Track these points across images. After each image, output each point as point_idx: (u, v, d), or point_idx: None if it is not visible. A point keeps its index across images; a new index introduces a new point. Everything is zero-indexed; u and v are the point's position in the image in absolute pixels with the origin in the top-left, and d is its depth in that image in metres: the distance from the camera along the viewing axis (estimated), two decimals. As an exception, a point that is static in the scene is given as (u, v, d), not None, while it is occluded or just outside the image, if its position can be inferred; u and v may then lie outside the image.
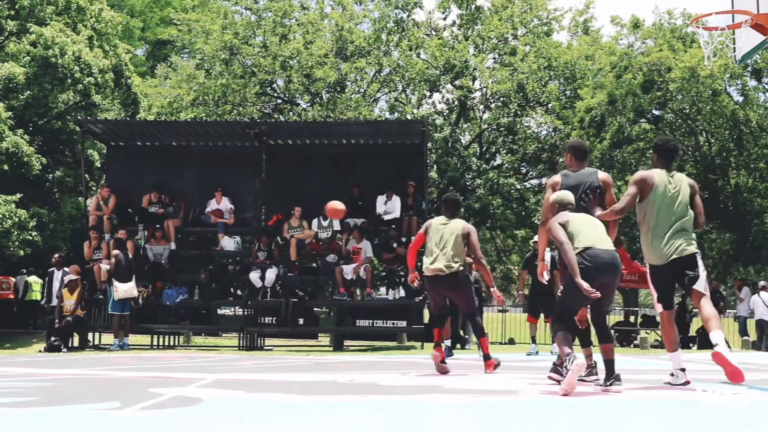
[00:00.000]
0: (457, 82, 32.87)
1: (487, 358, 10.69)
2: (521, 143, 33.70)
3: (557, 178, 9.16)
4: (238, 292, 20.95)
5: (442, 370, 10.48)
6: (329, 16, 34.45)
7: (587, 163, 9.44)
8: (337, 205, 15.08)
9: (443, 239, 10.52)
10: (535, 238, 17.86)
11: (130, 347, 18.95)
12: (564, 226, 8.25)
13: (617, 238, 14.33)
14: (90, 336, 20.03)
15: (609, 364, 8.16)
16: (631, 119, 29.41)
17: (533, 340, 17.17)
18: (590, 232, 8.25)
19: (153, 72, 40.87)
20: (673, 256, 8.40)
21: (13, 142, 23.83)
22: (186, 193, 21.54)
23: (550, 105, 33.33)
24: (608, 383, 8.10)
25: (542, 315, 16.69)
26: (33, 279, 26.88)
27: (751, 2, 14.30)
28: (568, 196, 8.68)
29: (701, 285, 8.42)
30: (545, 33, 34.27)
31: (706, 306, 8.44)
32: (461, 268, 10.52)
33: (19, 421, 6.41)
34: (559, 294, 8.47)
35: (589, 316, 8.79)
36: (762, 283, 23.98)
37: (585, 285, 7.81)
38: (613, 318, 27.98)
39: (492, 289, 11.40)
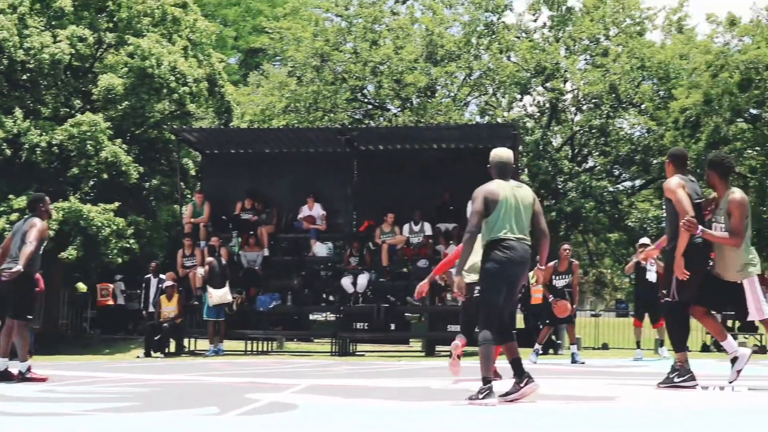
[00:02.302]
0: (548, 84, 32.57)
1: None
2: (614, 145, 33.20)
3: (680, 180, 8.82)
4: (330, 298, 21.06)
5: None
6: (419, 21, 34.46)
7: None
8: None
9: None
10: (642, 240, 17.52)
11: (225, 353, 19.19)
12: None
13: None
14: (186, 342, 20.38)
15: None
16: (727, 119, 28.62)
17: (638, 345, 16.97)
18: None
19: (245, 80, 41.36)
20: None
21: (111, 152, 24.27)
22: (278, 200, 21.72)
23: (643, 106, 32.76)
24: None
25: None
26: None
27: None
28: None
29: None
30: (638, 33, 33.63)
31: None
32: None
33: (123, 427, 6.55)
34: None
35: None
36: None
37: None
38: None
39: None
